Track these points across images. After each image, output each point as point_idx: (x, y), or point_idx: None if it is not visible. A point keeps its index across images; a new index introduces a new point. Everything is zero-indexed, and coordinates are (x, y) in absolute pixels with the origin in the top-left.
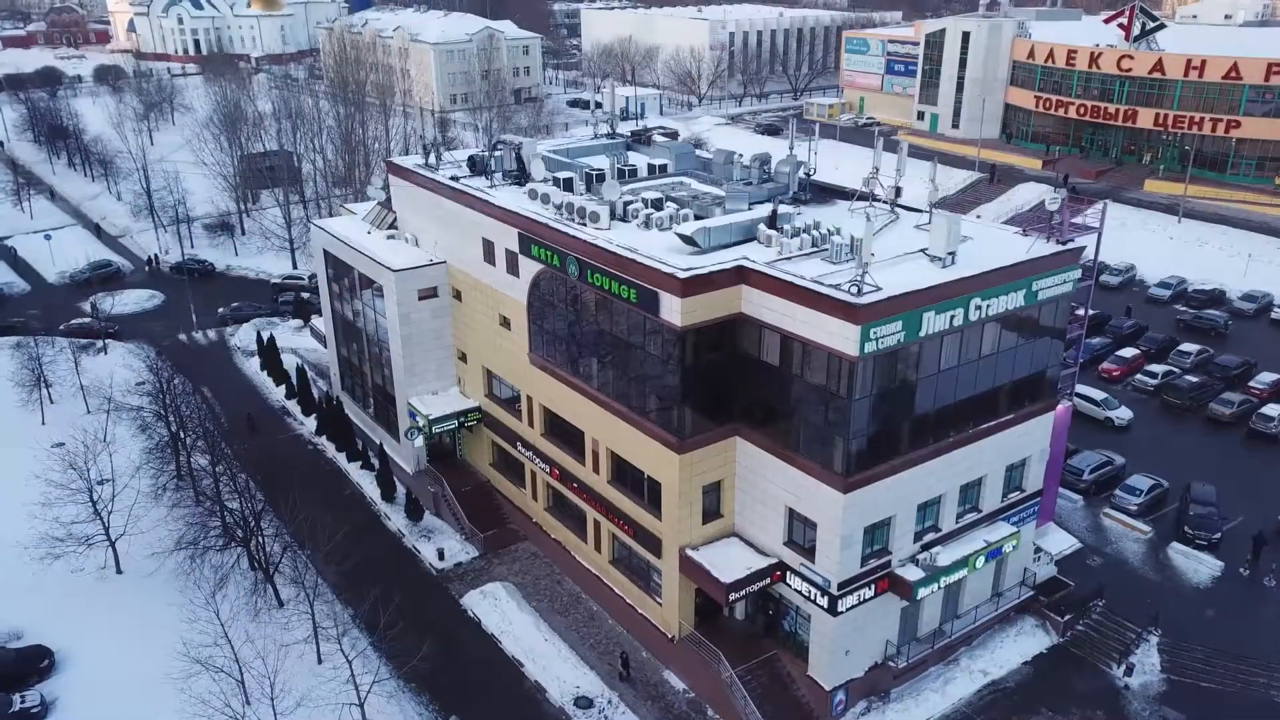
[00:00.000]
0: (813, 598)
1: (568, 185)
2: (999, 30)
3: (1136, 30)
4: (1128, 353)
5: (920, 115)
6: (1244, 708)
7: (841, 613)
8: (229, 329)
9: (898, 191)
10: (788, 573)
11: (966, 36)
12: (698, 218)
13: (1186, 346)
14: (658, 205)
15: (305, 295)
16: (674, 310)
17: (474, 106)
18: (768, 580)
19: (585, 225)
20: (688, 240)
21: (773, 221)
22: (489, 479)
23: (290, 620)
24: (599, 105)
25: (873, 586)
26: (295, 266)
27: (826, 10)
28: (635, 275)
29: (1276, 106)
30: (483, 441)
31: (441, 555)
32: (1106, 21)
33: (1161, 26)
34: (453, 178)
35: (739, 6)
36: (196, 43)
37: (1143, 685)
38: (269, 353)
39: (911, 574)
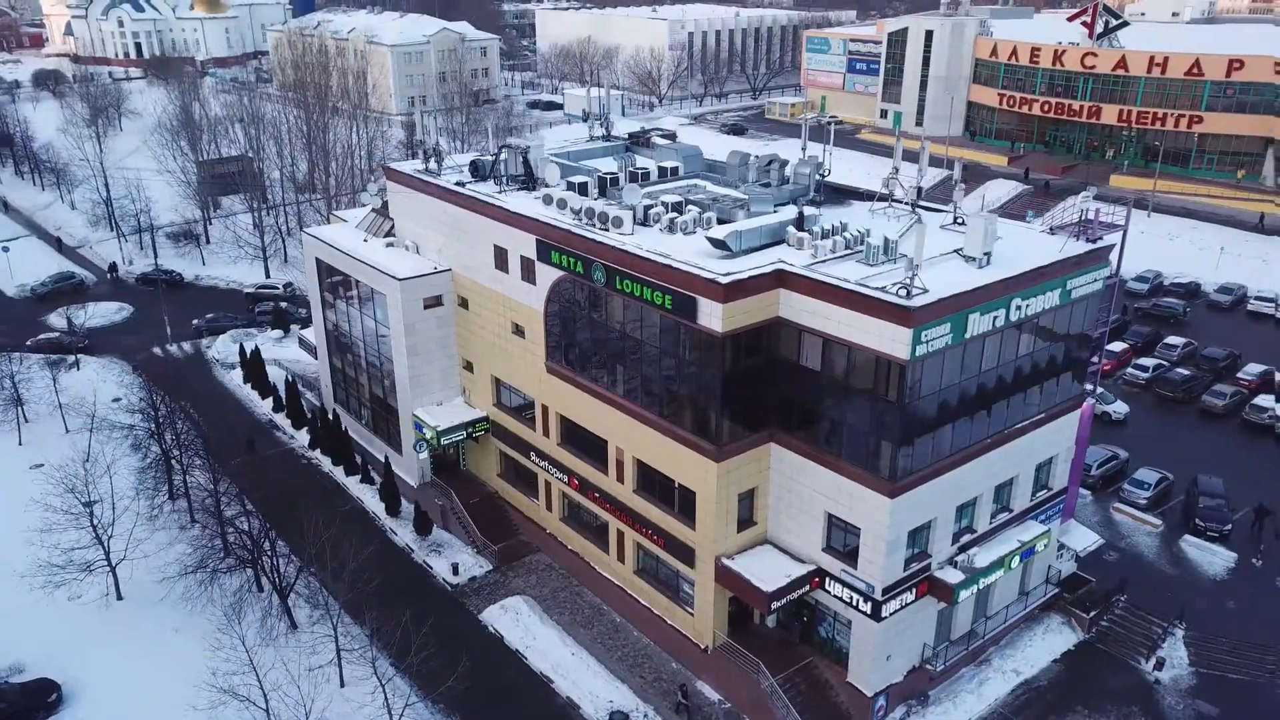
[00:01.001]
0: (855, 603)
1: (581, 190)
2: (962, 29)
3: (1100, 28)
4: (1116, 346)
5: (884, 114)
6: (1276, 699)
7: (885, 618)
8: (205, 341)
9: (919, 192)
10: (827, 579)
11: (929, 35)
12: (721, 221)
13: (1172, 339)
14: (678, 209)
15: (284, 305)
16: (714, 316)
17: (441, 109)
18: (807, 587)
19: (608, 230)
20: (718, 244)
21: (800, 224)
22: (497, 490)
23: (309, 643)
24: (597, 115)
25: (913, 590)
26: (268, 275)
27: (773, 9)
28: (671, 281)
29: (1237, 101)
30: (490, 452)
31: (456, 570)
32: (1070, 19)
33: (1124, 24)
34: (458, 183)
35: (693, 6)
36: (138, 46)
37: (1173, 679)
38: (253, 365)
39: (952, 576)
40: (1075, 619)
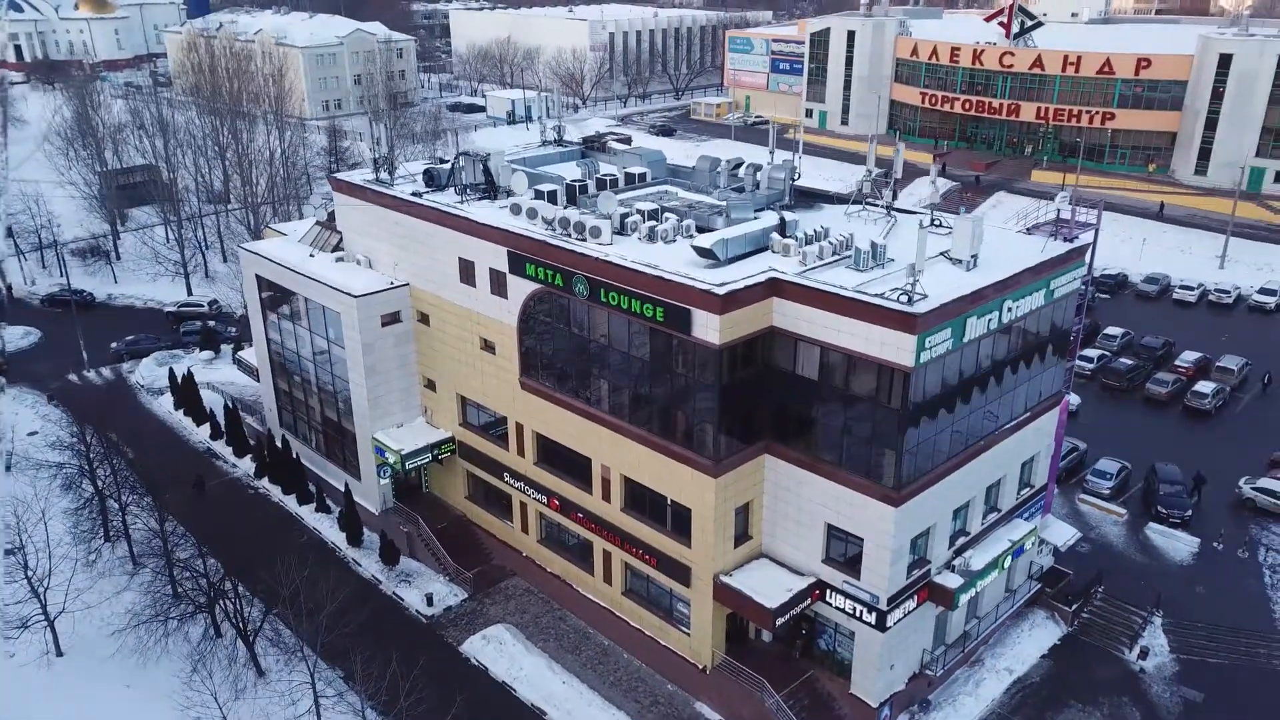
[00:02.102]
0: (858, 615)
1: (551, 198)
2: (882, 29)
3: (1016, 28)
4: None
5: (809, 113)
6: (1253, 681)
7: (890, 628)
8: (126, 365)
9: (894, 194)
10: (828, 591)
11: (851, 35)
12: (700, 229)
13: (1111, 330)
14: (655, 216)
15: (211, 323)
16: (711, 328)
17: (361, 112)
18: (809, 601)
19: (586, 241)
20: (705, 253)
21: (783, 230)
22: (465, 513)
23: (284, 692)
24: (524, 118)
25: (915, 598)
26: (190, 292)
27: (690, 10)
28: (663, 293)
29: (1145, 98)
30: (456, 474)
31: (430, 601)
32: (987, 20)
33: (1039, 24)
34: (414, 193)
35: (611, 6)
36: (18, 49)
37: (1157, 667)
38: (187, 390)
39: (951, 581)
40: (1058, 613)
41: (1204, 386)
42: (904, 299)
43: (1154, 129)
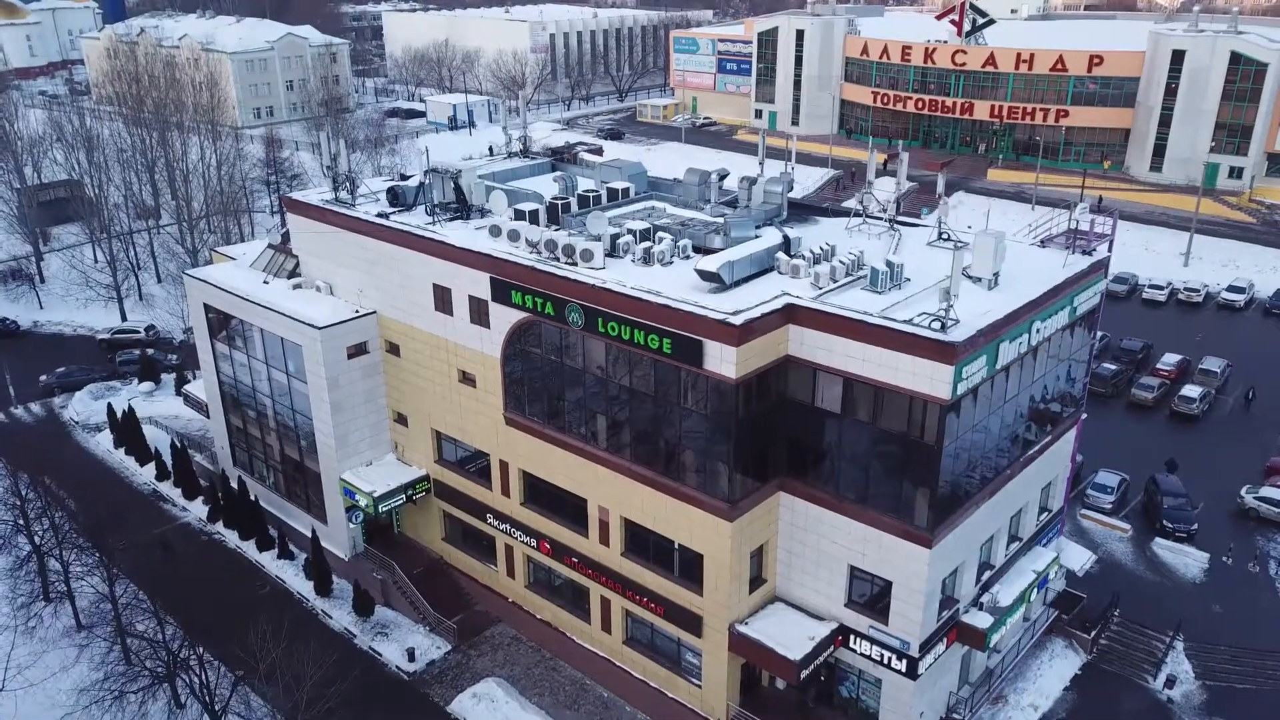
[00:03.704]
0: (887, 661)
1: (532, 218)
2: (831, 28)
3: (968, 26)
4: None
5: (758, 114)
6: None
7: (921, 674)
8: (58, 400)
9: (898, 206)
10: (853, 636)
11: (800, 34)
12: (697, 249)
13: None
14: (647, 236)
15: (150, 352)
16: (727, 361)
17: (301, 119)
18: (832, 648)
19: (577, 265)
20: (710, 277)
21: (788, 248)
22: (442, 556)
23: None
24: (467, 123)
25: (944, 640)
26: (124, 318)
27: (631, 10)
28: (670, 322)
29: (1099, 95)
30: (431, 514)
31: (411, 655)
32: (939, 18)
33: (991, 22)
34: (380, 214)
35: (549, 6)
36: None
37: (1185, 696)
38: (127, 426)
39: (981, 621)
40: (1076, 640)
41: (1191, 390)
42: (937, 326)
43: (1108, 126)
